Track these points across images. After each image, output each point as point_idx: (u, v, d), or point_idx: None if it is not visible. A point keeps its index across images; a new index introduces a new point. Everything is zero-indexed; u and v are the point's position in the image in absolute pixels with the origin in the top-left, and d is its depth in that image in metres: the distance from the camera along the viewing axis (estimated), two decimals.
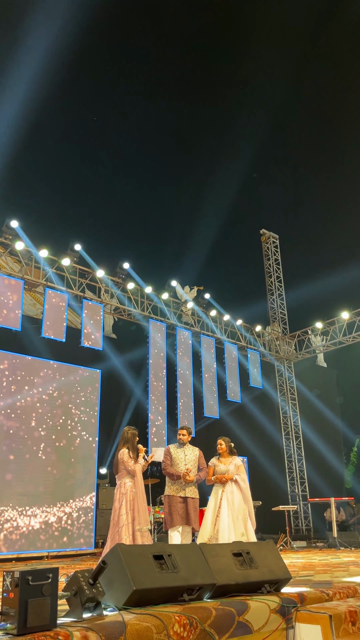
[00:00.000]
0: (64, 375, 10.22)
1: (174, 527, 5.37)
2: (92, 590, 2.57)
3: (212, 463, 5.92)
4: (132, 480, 5.13)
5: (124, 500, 5.00)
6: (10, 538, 8.75)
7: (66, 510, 9.57)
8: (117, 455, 5.23)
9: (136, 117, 18.85)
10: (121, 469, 5.17)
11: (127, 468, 5.11)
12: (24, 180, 15.85)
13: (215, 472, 5.82)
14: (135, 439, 5.35)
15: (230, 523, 5.42)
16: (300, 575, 4.65)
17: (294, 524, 14.10)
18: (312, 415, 15.49)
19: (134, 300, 12.07)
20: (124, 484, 5.09)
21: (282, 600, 2.97)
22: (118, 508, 4.99)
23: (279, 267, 16.64)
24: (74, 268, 11.10)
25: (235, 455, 5.99)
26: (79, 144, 18.31)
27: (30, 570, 2.31)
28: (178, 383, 12.15)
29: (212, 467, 5.88)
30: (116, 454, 5.29)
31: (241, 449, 12.89)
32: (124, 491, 5.05)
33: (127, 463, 5.11)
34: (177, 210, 19.53)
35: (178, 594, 2.91)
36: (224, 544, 3.50)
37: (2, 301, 9.54)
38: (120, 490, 5.08)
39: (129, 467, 5.12)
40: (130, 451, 5.20)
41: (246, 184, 19.64)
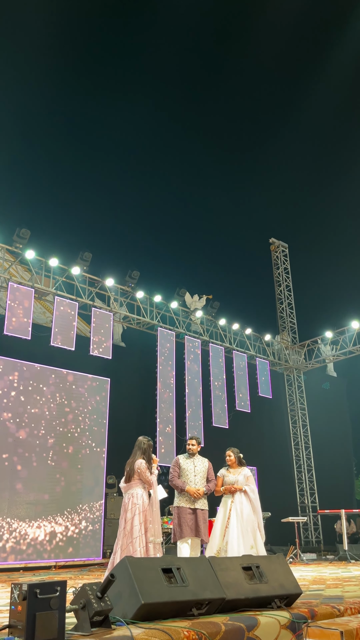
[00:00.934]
0: (73, 383, 10.23)
1: (183, 539, 5.32)
2: (100, 603, 2.54)
3: (221, 473, 5.86)
4: (144, 490, 5.09)
5: (137, 511, 4.93)
6: (17, 547, 8.72)
7: (74, 520, 9.54)
8: (134, 464, 5.17)
9: (146, 127, 18.99)
10: (135, 478, 5.12)
11: (145, 478, 5.07)
12: (34, 190, 15.98)
13: (225, 482, 5.77)
14: (151, 449, 5.32)
15: (239, 535, 5.35)
16: (311, 590, 4.58)
17: (303, 536, 13.94)
18: (322, 425, 15.35)
19: (143, 308, 12.08)
20: (136, 494, 5.04)
21: (292, 616, 2.92)
22: (131, 518, 4.92)
23: (288, 276, 16.60)
24: (84, 277, 11.15)
25: (244, 466, 5.93)
26: (88, 154, 18.46)
27: (38, 583, 2.29)
28: (187, 392, 12.11)
29: (221, 477, 5.82)
30: (130, 462, 5.23)
31: (250, 459, 12.76)
32: (137, 501, 4.99)
33: (144, 474, 5.08)
34: (187, 219, 19.58)
35: (187, 608, 2.87)
36: (234, 558, 3.46)
37: (12, 309, 9.58)
38: (133, 500, 5.02)
39: (147, 477, 5.08)
40: (146, 461, 5.18)
41: (255, 192, 19.67)
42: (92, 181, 18.23)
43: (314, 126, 19.58)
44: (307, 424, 15.22)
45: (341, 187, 19.41)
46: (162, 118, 19.22)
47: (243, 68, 18.83)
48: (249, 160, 20.29)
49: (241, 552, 5.13)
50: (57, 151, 17.54)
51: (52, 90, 17.16)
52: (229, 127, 19.96)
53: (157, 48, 18.06)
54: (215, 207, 19.90)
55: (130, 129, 18.86)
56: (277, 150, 19.77)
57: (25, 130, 16.40)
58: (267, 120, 20.26)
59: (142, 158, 19.39)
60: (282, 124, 19.99)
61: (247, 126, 20.23)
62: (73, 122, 18.13)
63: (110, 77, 18.56)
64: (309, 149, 20.11)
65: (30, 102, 16.38)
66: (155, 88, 18.83)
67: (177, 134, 19.75)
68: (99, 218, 17.78)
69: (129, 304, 12.02)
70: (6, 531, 8.65)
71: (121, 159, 19.00)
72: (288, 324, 15.96)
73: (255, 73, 19.09)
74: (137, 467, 5.11)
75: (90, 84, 18.48)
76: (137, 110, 18.65)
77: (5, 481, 8.84)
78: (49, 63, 16.88)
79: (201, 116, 19.87)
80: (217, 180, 20.21)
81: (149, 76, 18.52)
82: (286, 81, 20.11)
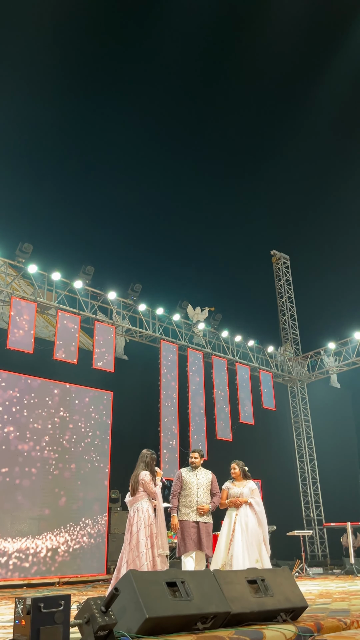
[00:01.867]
0: (76, 397, 10.22)
1: (188, 553, 5.27)
2: (105, 618, 2.53)
3: (226, 486, 5.82)
4: (149, 504, 5.06)
5: (142, 525, 4.89)
6: (20, 564, 8.65)
7: (77, 535, 9.46)
8: (138, 476, 5.15)
9: (147, 140, 19.18)
10: (141, 490, 5.09)
11: (149, 490, 5.05)
12: (36, 205, 16.12)
13: (229, 495, 5.72)
14: (154, 462, 5.30)
15: (244, 549, 5.30)
16: (317, 604, 4.53)
17: (309, 550, 13.78)
18: (326, 437, 15.27)
19: (146, 321, 12.10)
20: (141, 507, 5.01)
21: (298, 629, 2.89)
22: (136, 532, 4.87)
23: (290, 287, 16.64)
24: (86, 290, 11.19)
25: (249, 479, 5.89)
26: (90, 168, 18.63)
27: (42, 597, 2.28)
28: (190, 405, 12.08)
29: (226, 490, 5.78)
30: (134, 475, 5.21)
31: (254, 472, 12.64)
32: (142, 515, 4.95)
33: (149, 485, 5.06)
34: (188, 232, 19.68)
35: (192, 622, 2.85)
36: (239, 571, 3.43)
37: (15, 323, 9.61)
38: (138, 514, 4.98)
39: (152, 488, 5.05)
40: (150, 473, 5.16)
41: (256, 205, 19.78)
42: (94, 195, 18.39)
43: (315, 138, 19.75)
44: (311, 436, 15.13)
45: (342, 198, 19.52)
46: (164, 132, 19.42)
47: (245, 79, 19.06)
48: (250, 173, 20.44)
49: (246, 565, 5.08)
50: (59, 166, 17.72)
51: (54, 104, 17.38)
52: (230, 139, 20.14)
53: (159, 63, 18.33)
54: (217, 219, 20.01)
55: (132, 142, 19.05)
56: (278, 162, 19.93)
57: (27, 145, 16.59)
58: (268, 133, 20.44)
59: (143, 171, 19.56)
60: (283, 137, 20.18)
61: (248, 139, 20.41)
62: (74, 135, 18.32)
63: (112, 92, 18.80)
64: (310, 162, 20.26)
65: (32, 116, 16.58)
66: (157, 101, 19.05)
67: (179, 147, 19.94)
68: (101, 232, 17.89)
69: (131, 317, 12.05)
70: (9, 547, 8.58)
71: (122, 173, 19.15)
72: (291, 336, 15.95)
73: (259, 83, 19.32)
74: (141, 478, 5.10)
75: (92, 98, 18.72)
76: (138, 124, 18.86)
77: (7, 495, 8.79)
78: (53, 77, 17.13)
79: (202, 129, 20.08)
80: (218, 193, 20.34)
81: (151, 89, 18.76)
82: (288, 93, 20.32)
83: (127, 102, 18.67)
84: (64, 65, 17.52)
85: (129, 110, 18.62)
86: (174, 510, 5.38)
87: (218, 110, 19.70)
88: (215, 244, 19.74)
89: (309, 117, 19.57)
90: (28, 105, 16.43)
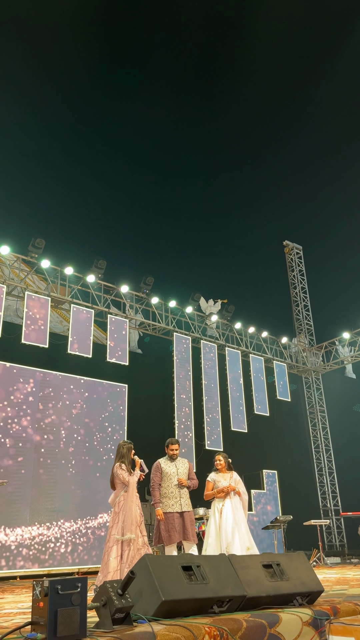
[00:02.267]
0: (91, 390, 10.30)
1: (172, 545, 5.29)
2: (122, 601, 2.56)
3: (212, 478, 5.82)
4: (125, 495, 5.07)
5: (117, 520, 4.92)
6: (40, 555, 8.78)
7: (95, 527, 9.57)
8: (112, 470, 5.19)
9: (158, 134, 19.15)
10: (117, 483, 5.10)
11: (122, 480, 5.05)
12: (48, 200, 16.20)
13: (217, 486, 5.75)
14: (131, 452, 5.29)
15: (239, 537, 5.36)
16: (334, 590, 4.53)
17: (327, 540, 13.77)
18: (342, 427, 15.20)
19: (159, 314, 12.13)
20: (118, 502, 5.03)
21: (314, 613, 2.90)
22: (110, 527, 4.91)
23: (303, 278, 16.53)
24: (99, 284, 11.25)
25: (232, 470, 5.92)
26: (101, 162, 18.66)
27: (60, 580, 2.32)
28: (204, 397, 12.10)
29: (211, 482, 5.79)
30: (112, 470, 5.24)
31: (270, 463, 12.71)
32: (117, 510, 4.99)
33: (121, 475, 5.05)
34: (200, 223, 19.64)
35: (208, 605, 2.87)
36: (253, 556, 3.45)
37: (29, 318, 9.71)
38: (114, 509, 5.01)
39: (124, 479, 5.05)
40: (124, 464, 5.15)
41: (268, 195, 19.66)
42: (105, 189, 18.42)
43: (326, 130, 19.55)
44: (327, 426, 15.08)
45: (353, 188, 19.31)
46: (174, 124, 19.38)
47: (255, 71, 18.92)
48: (261, 164, 20.31)
49: (244, 553, 5.12)
50: (70, 161, 17.79)
51: (65, 100, 17.43)
52: (241, 131, 20.04)
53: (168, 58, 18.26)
54: (228, 211, 19.94)
55: (143, 136, 19.05)
56: (288, 153, 19.77)
57: (39, 142, 16.67)
58: (279, 124, 20.29)
59: (154, 164, 19.55)
60: (293, 127, 20.01)
61: (259, 130, 20.29)
62: (86, 130, 18.37)
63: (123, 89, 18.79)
64: (321, 151, 20.07)
65: (44, 113, 16.66)
66: (166, 96, 19.00)
67: (190, 139, 19.88)
68: (113, 225, 17.94)
69: (144, 310, 12.09)
70: (28, 539, 8.71)
71: (134, 166, 19.17)
72: (305, 326, 15.87)
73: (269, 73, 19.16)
74: (114, 471, 5.12)
75: (103, 95, 18.72)
76: (149, 118, 18.84)
77: (25, 487, 8.91)
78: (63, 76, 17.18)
79: (213, 121, 19.98)
80: (229, 184, 20.26)
81: (161, 84, 18.71)
82: (298, 81, 20.13)
83: (137, 97, 18.65)
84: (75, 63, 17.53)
85: (140, 105, 18.60)
86: (157, 503, 5.37)
87: (227, 101, 19.59)
88: (227, 235, 19.69)
89: (320, 106, 19.36)
90: (39, 102, 16.50)
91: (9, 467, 8.84)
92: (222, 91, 19.70)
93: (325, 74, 18.86)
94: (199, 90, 19.85)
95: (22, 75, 15.86)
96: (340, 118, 19.59)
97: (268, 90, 19.94)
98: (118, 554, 4.78)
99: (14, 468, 8.90)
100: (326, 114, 19.27)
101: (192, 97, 19.75)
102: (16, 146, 15.53)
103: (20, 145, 15.80)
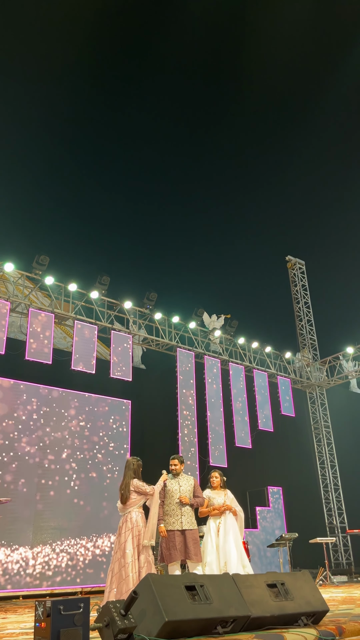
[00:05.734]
0: (95, 406, 10.28)
1: (174, 563, 5.23)
2: (124, 621, 2.54)
3: (207, 495, 5.76)
4: (139, 513, 5.02)
5: (130, 535, 4.86)
6: (44, 574, 8.69)
7: (99, 545, 9.48)
8: (129, 485, 5.12)
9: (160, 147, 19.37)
10: (132, 499, 5.06)
11: (144, 491, 5.03)
12: (51, 217, 16.35)
13: (211, 503, 5.70)
14: (140, 469, 5.28)
15: (237, 555, 5.32)
16: (340, 609, 4.47)
17: (333, 558, 13.58)
18: (347, 442, 15.08)
19: (162, 330, 12.15)
20: (130, 517, 4.99)
21: (320, 633, 2.87)
22: (124, 542, 4.83)
23: (306, 292, 16.56)
24: (102, 300, 11.29)
25: (227, 489, 5.88)
26: (104, 178, 18.86)
27: (62, 600, 2.31)
28: (208, 412, 12.05)
29: (207, 499, 5.74)
30: (123, 484, 5.18)
31: (275, 479, 12.60)
32: (130, 525, 4.92)
33: (144, 487, 5.05)
34: (202, 239, 19.75)
35: (212, 626, 2.85)
36: (258, 575, 3.41)
37: (33, 335, 9.74)
38: (127, 524, 4.94)
39: (146, 489, 5.04)
40: (140, 480, 5.15)
41: (271, 211, 19.79)
42: (108, 206, 18.58)
43: (327, 143, 19.73)
44: (332, 442, 14.96)
45: (355, 202, 19.41)
46: (176, 139, 19.60)
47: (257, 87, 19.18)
48: (263, 180, 20.48)
49: (241, 572, 5.08)
50: (74, 178, 17.97)
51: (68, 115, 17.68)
52: (243, 145, 20.23)
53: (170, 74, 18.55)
54: (231, 226, 20.06)
55: (146, 151, 19.26)
56: (290, 168, 19.94)
57: (43, 157, 16.88)
58: (281, 139, 20.49)
59: (157, 179, 19.73)
60: (295, 142, 20.20)
61: (261, 146, 20.48)
62: (89, 146, 18.61)
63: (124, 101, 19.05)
64: (324, 167, 20.23)
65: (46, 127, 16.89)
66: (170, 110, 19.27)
67: (193, 155, 20.09)
68: (116, 242, 18.06)
69: (147, 326, 12.11)
70: (31, 557, 8.64)
71: (137, 181, 19.35)
72: (308, 341, 15.85)
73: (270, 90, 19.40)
74: (135, 485, 5.08)
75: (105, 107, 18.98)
76: (152, 133, 19.07)
77: (28, 505, 8.86)
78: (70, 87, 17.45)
79: (216, 136, 20.22)
80: (231, 200, 20.40)
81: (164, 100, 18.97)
82: (299, 99, 20.38)
83: (140, 112, 18.89)
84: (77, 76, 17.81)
85: (142, 121, 18.84)
86: (160, 520, 5.30)
87: (229, 117, 19.81)
88: (230, 251, 19.78)
89: (321, 122, 19.56)
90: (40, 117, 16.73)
91: (11, 483, 8.80)
92: (225, 107, 19.96)
93: (329, 91, 19.10)
94: (202, 106, 20.11)
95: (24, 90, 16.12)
96: (342, 134, 19.79)
97: (272, 106, 20.18)
98: (136, 570, 4.73)
99: (17, 485, 8.86)
100: (329, 129, 19.47)
101: (194, 112, 20.02)
102: (20, 164, 15.73)
103: (23, 162, 16.01)
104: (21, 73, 16.27)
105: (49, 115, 16.87)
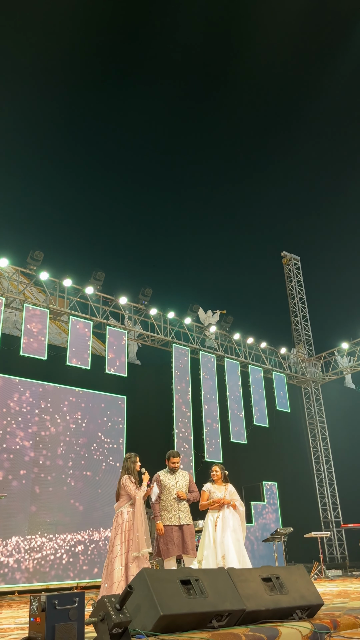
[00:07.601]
0: (90, 402, 10.27)
1: (170, 557, 5.25)
2: (119, 615, 2.54)
3: (207, 489, 5.78)
4: (131, 509, 5.03)
5: (119, 530, 4.91)
6: (39, 569, 8.70)
7: (95, 541, 9.49)
8: (119, 481, 5.17)
9: (157, 143, 19.31)
10: (122, 494, 5.09)
11: (129, 493, 5.04)
12: (45, 213, 16.28)
13: (211, 497, 5.71)
14: (136, 465, 5.27)
15: (235, 549, 5.32)
16: (335, 603, 4.50)
17: (328, 552, 13.66)
18: (342, 438, 15.14)
19: (157, 325, 12.13)
20: (121, 513, 5.02)
21: (314, 627, 2.88)
22: (113, 538, 4.91)
23: (301, 288, 16.57)
24: (97, 296, 11.26)
25: (228, 482, 5.88)
26: (100, 175, 18.78)
27: (57, 595, 2.31)
28: (203, 408, 12.07)
29: (207, 492, 5.75)
30: (118, 482, 5.22)
31: (270, 474, 12.64)
32: (121, 521, 4.97)
33: (129, 487, 5.05)
34: (197, 235, 19.73)
35: (207, 619, 2.85)
36: (252, 569, 3.42)
37: (28, 331, 9.71)
38: (117, 520, 5.00)
39: (130, 491, 5.04)
40: (131, 476, 5.14)
41: (266, 206, 19.78)
42: (103, 201, 18.52)
43: (324, 140, 19.72)
44: (326, 437, 15.02)
45: (351, 198, 19.43)
46: (172, 137, 19.54)
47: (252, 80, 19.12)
48: (258, 175, 20.45)
49: (239, 566, 5.08)
50: (69, 174, 17.89)
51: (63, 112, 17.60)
52: (239, 143, 20.20)
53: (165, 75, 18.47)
54: (226, 222, 20.04)
55: (141, 148, 19.20)
56: (285, 163, 19.91)
57: (35, 153, 16.78)
58: (276, 134, 20.46)
59: (153, 176, 19.67)
60: (290, 137, 20.17)
61: (256, 140, 20.44)
62: (84, 142, 18.51)
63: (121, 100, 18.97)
64: (318, 162, 20.22)
65: (41, 123, 16.80)
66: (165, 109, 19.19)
67: (188, 151, 20.03)
68: (111, 237, 18.01)
69: (142, 322, 12.09)
70: (27, 553, 8.64)
71: (132, 178, 19.29)
72: (303, 337, 15.88)
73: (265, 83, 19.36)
74: (122, 482, 5.11)
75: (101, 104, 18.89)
76: (147, 131, 19.00)
77: (24, 501, 8.85)
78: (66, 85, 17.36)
79: (211, 133, 20.16)
80: (226, 195, 20.38)
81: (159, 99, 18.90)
82: (295, 92, 20.35)
83: (135, 111, 18.81)
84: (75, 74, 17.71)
85: (136, 115, 18.76)
86: (157, 516, 5.34)
87: (225, 112, 19.76)
88: (226, 246, 19.76)
89: (317, 117, 19.55)
90: (37, 114, 16.64)
91: (5, 479, 8.78)
92: (219, 104, 19.89)
93: (324, 86, 19.07)
94: (197, 104, 20.05)
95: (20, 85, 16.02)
96: (338, 130, 19.78)
97: (266, 102, 20.14)
98: (122, 564, 4.75)
99: (12, 480, 8.85)
100: (325, 125, 19.46)
101: (189, 111, 19.95)
102: (14, 159, 15.64)
103: (18, 157, 15.91)
104: (16, 66, 16.16)
105: (42, 109, 16.77)
